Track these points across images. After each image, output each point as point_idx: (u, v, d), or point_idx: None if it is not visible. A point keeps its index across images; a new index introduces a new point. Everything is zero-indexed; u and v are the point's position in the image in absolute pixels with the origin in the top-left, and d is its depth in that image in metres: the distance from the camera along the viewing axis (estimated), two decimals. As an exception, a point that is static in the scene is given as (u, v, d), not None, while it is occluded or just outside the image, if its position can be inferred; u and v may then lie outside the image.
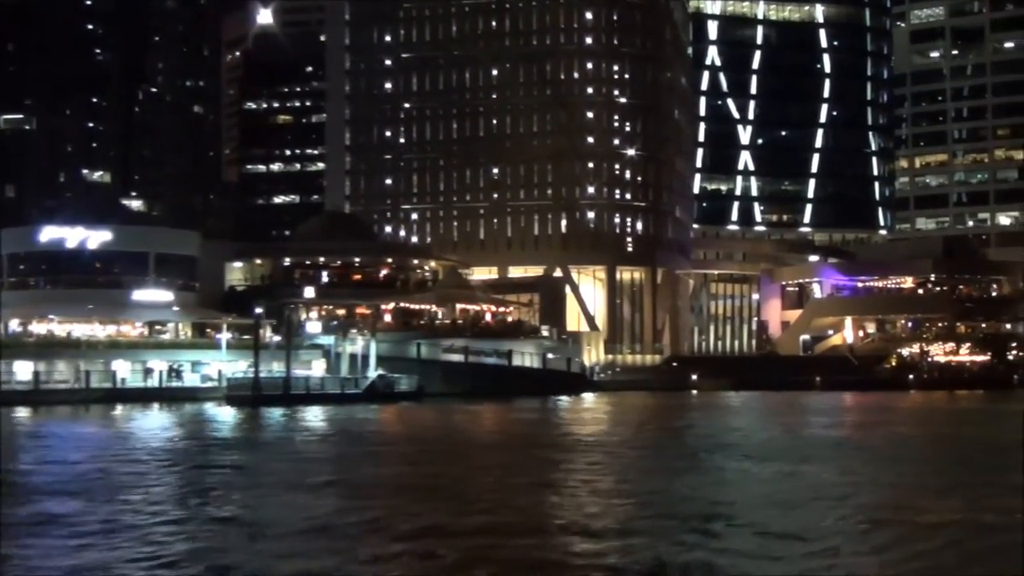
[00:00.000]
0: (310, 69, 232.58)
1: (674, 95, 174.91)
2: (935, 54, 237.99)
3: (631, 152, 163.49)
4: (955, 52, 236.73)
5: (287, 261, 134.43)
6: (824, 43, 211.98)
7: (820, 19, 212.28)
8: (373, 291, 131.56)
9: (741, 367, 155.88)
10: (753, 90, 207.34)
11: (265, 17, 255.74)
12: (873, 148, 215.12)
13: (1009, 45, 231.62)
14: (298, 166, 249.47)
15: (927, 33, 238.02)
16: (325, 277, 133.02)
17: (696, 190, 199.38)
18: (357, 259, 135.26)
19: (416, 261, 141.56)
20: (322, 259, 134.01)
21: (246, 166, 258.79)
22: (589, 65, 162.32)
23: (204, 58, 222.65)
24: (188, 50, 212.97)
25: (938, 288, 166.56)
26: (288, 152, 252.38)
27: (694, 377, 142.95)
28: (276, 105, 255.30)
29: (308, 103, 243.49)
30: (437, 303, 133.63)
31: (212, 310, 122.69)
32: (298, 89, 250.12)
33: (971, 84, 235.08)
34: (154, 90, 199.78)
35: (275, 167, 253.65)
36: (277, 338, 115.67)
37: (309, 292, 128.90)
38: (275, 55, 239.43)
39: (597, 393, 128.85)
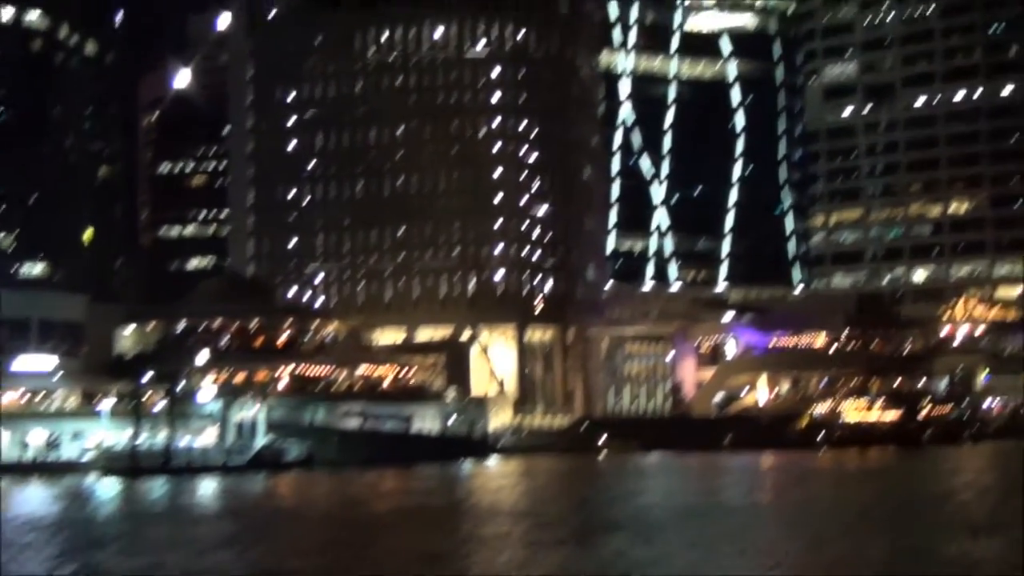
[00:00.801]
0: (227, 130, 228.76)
1: (584, 152, 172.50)
2: (848, 111, 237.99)
3: (540, 210, 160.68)
4: (868, 109, 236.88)
5: (181, 325, 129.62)
6: (737, 100, 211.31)
7: (732, 77, 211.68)
8: (271, 355, 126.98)
9: (651, 428, 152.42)
10: (666, 148, 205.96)
11: (183, 78, 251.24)
12: (788, 205, 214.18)
13: (920, 102, 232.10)
14: (212, 229, 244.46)
15: (840, 90, 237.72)
16: (221, 341, 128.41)
17: (610, 248, 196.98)
18: (254, 322, 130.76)
19: (316, 323, 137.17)
20: (217, 322, 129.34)
21: (160, 229, 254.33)
22: (496, 122, 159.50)
23: (116, 119, 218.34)
24: (99, 111, 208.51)
25: (851, 345, 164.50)
26: (201, 215, 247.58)
27: (603, 439, 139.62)
28: (190, 167, 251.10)
29: (222, 164, 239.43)
30: (336, 366, 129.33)
31: (99, 376, 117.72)
32: (212, 150, 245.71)
33: (884, 140, 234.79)
34: (62, 151, 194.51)
35: (189, 230, 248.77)
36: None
37: (202, 357, 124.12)
38: (190, 116, 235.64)
39: (502, 458, 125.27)
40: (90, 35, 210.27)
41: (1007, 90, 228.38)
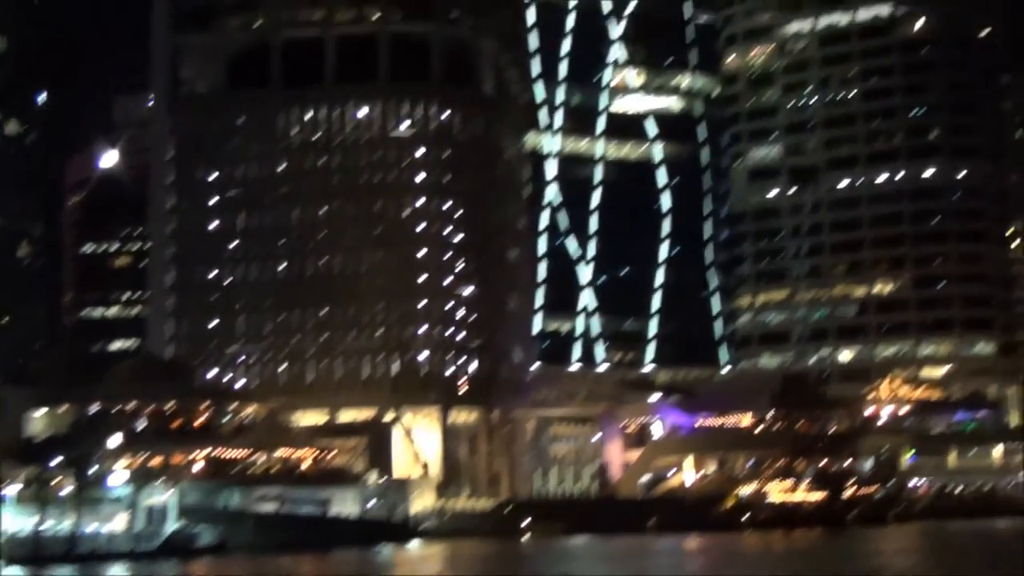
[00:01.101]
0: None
1: (509, 233, 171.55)
2: (773, 193, 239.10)
3: (465, 290, 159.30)
4: (792, 191, 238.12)
5: (94, 408, 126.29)
6: (663, 182, 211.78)
7: (658, 158, 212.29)
8: (186, 438, 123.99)
9: (577, 510, 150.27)
10: (593, 228, 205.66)
11: (109, 159, 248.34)
12: (714, 286, 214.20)
13: (844, 184, 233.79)
14: (136, 310, 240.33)
15: (764, 172, 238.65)
16: (135, 424, 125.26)
17: (537, 329, 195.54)
18: (170, 404, 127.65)
19: (235, 405, 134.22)
20: (132, 405, 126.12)
21: (83, 311, 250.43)
22: (420, 202, 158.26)
23: (39, 200, 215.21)
24: (21, 191, 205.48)
25: (777, 425, 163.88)
26: (125, 296, 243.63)
27: (527, 522, 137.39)
28: (114, 248, 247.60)
29: (147, 245, 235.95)
30: (254, 449, 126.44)
31: (6, 461, 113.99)
32: (137, 231, 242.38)
33: (809, 222, 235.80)
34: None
35: (112, 312, 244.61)
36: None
37: (115, 440, 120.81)
38: (115, 197, 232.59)
39: (424, 542, 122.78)
40: (12, 115, 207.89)
41: (928, 172, 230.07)
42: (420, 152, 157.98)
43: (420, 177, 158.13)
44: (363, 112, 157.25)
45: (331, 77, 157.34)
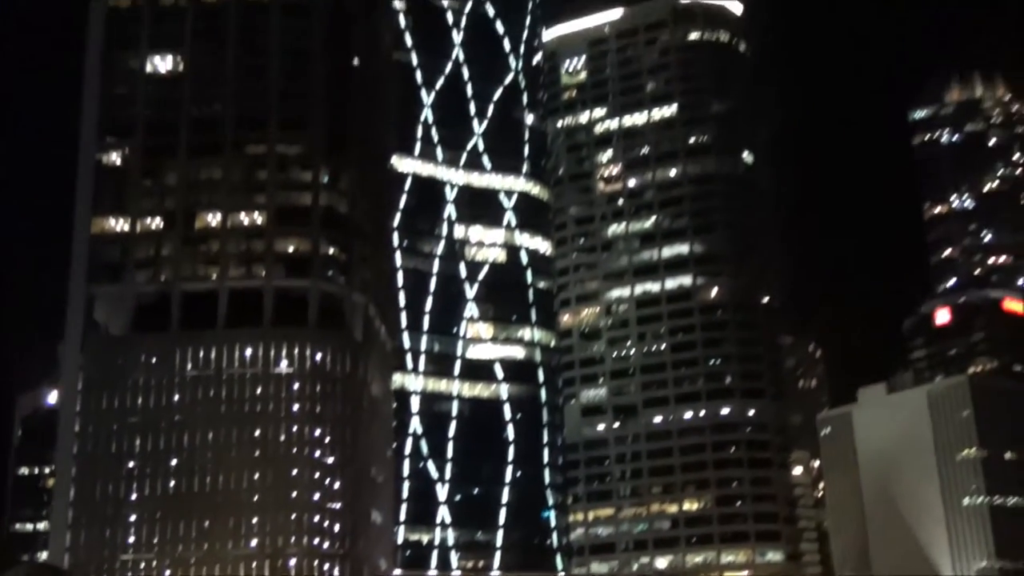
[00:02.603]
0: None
1: (376, 456, 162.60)
2: (600, 427, 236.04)
3: (334, 505, 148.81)
4: (616, 425, 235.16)
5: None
6: (508, 416, 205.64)
7: (505, 396, 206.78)
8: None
9: None
10: (450, 454, 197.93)
11: (52, 396, 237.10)
12: (551, 503, 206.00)
13: (658, 419, 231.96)
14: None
15: (593, 409, 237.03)
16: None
17: (400, 540, 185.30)
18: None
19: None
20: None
21: (15, 525, 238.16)
22: (295, 429, 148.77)
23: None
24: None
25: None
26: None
27: None
28: (47, 471, 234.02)
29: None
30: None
31: None
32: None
33: (630, 451, 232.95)
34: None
35: (41, 526, 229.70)
36: None
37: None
38: (51, 427, 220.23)
39: None
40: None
41: (725, 411, 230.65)
42: (296, 386, 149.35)
43: (296, 407, 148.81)
44: (249, 352, 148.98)
45: (223, 323, 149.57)
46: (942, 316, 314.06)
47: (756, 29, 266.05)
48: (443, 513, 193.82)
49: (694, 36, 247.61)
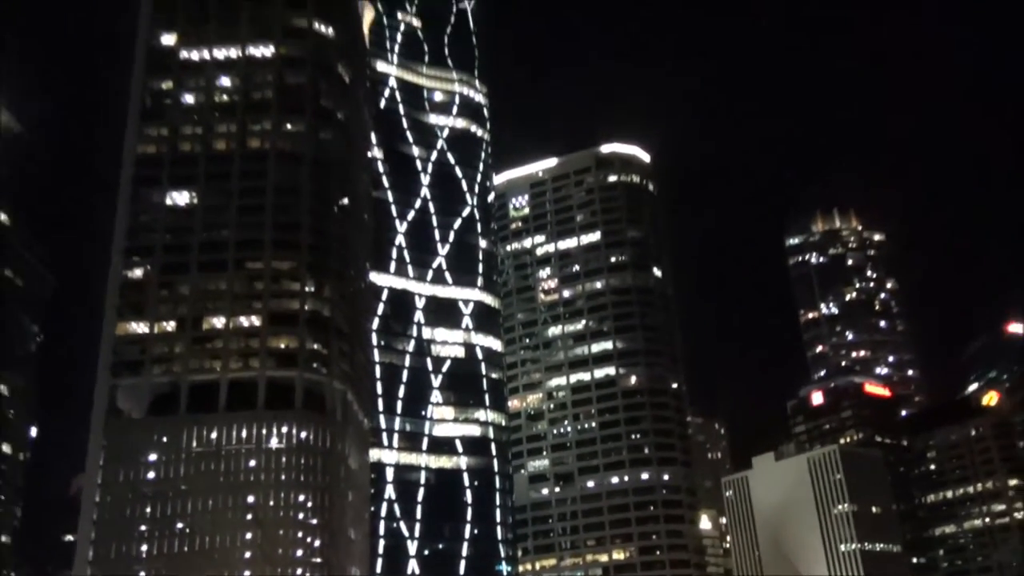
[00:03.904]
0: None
1: (350, 517, 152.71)
2: (544, 491, 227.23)
3: (315, 560, 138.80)
4: (557, 489, 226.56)
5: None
6: (467, 483, 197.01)
7: (464, 467, 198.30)
8: None
9: None
10: (418, 515, 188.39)
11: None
12: (504, 556, 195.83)
13: (591, 484, 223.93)
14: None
15: (538, 476, 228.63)
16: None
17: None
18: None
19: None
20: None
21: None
22: (282, 495, 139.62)
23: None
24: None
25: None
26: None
27: None
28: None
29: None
30: None
31: None
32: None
33: (570, 510, 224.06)
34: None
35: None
36: None
37: None
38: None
39: None
40: (13, 444, 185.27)
41: (645, 476, 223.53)
42: (284, 459, 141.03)
43: (283, 477, 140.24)
44: (245, 431, 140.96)
45: (223, 407, 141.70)
46: (817, 398, 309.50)
47: (661, 173, 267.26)
48: (413, 566, 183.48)
49: (612, 179, 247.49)
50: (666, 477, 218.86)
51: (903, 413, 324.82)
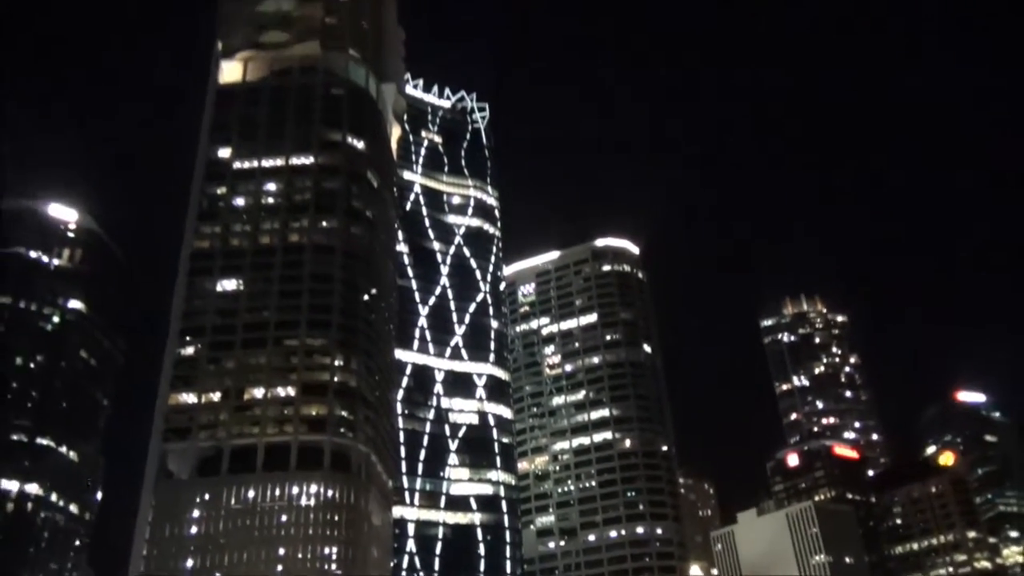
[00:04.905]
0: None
1: (372, 568, 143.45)
2: (551, 545, 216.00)
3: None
4: (562, 543, 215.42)
5: None
6: (480, 537, 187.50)
7: (478, 523, 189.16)
8: None
9: None
10: (436, 567, 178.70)
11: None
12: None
13: (592, 538, 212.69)
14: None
15: (545, 531, 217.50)
16: None
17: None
18: None
19: None
20: None
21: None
22: (311, 547, 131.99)
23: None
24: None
25: None
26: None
27: None
28: None
29: None
30: None
31: None
32: None
33: (573, 562, 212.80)
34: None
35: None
36: None
37: None
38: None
39: None
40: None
41: (640, 530, 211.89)
42: (313, 516, 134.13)
43: (311, 531, 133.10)
44: (279, 490, 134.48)
45: (260, 468, 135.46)
46: (793, 460, 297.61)
47: (650, 262, 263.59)
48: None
49: (606, 268, 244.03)
50: (659, 531, 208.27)
51: (870, 473, 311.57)
